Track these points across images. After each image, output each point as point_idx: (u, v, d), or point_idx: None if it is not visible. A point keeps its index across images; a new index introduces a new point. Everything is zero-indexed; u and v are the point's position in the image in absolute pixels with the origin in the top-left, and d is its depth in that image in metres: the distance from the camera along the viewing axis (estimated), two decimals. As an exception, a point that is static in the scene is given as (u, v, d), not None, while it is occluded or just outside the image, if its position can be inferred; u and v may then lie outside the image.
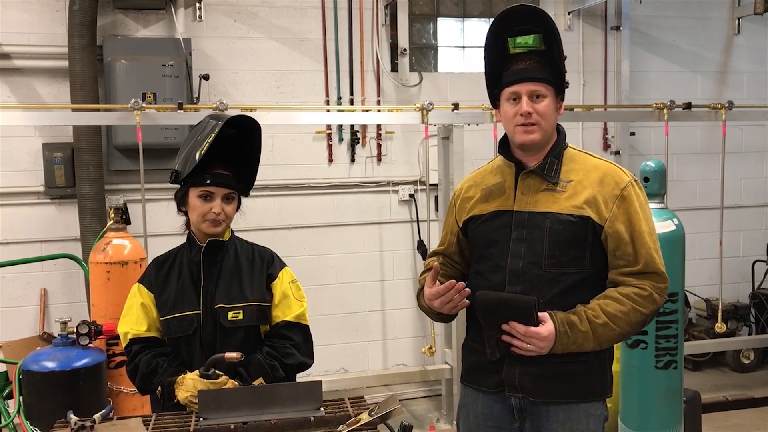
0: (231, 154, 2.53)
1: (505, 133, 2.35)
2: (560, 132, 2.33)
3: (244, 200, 2.64)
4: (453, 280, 2.20)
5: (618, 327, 2.16)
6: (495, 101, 2.34)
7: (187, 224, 2.60)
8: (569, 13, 6.43)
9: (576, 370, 2.22)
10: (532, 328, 2.12)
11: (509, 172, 2.34)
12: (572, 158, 2.30)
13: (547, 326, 2.13)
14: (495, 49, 2.28)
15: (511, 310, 2.14)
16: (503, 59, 2.26)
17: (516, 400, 2.26)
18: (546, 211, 2.22)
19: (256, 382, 2.42)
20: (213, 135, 2.41)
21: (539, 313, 2.13)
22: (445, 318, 2.41)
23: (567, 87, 2.31)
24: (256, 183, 2.65)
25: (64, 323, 3.63)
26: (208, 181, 2.47)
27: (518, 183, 2.29)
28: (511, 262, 2.23)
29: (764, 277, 6.69)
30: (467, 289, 2.19)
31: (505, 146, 2.36)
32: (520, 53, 2.23)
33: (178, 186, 2.55)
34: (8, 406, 3.78)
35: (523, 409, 2.27)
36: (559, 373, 2.21)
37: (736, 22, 6.85)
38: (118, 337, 2.74)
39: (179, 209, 2.58)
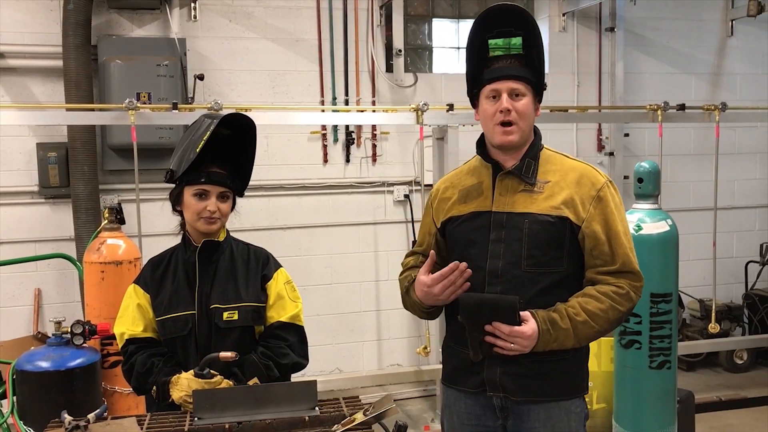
0: (226, 153, 2.53)
1: (481, 134, 2.37)
2: (536, 133, 2.35)
3: (238, 200, 2.64)
4: (456, 261, 2.18)
5: (597, 324, 2.18)
6: (474, 100, 2.36)
7: (182, 225, 2.60)
8: (564, 15, 6.44)
9: (555, 368, 2.24)
10: (516, 328, 2.13)
11: (486, 173, 2.35)
12: (548, 159, 2.33)
13: (530, 325, 2.14)
14: (476, 47, 2.29)
15: (495, 311, 2.15)
16: (484, 58, 2.27)
17: (498, 400, 2.28)
18: (525, 212, 2.24)
19: (250, 382, 2.42)
20: (208, 133, 2.41)
21: (521, 312, 2.15)
22: (434, 313, 2.42)
23: (545, 89, 2.32)
24: (251, 183, 2.65)
25: (59, 323, 3.63)
26: (203, 179, 2.48)
27: (496, 184, 2.31)
28: (491, 263, 2.25)
29: (757, 278, 6.72)
30: (469, 270, 2.17)
31: (482, 147, 2.37)
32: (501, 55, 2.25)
33: (173, 186, 2.56)
34: (2, 406, 3.77)
35: (504, 408, 2.28)
36: (540, 372, 2.23)
37: (730, 24, 6.88)
38: (112, 337, 2.74)
39: (174, 209, 2.59)
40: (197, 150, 2.40)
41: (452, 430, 2.42)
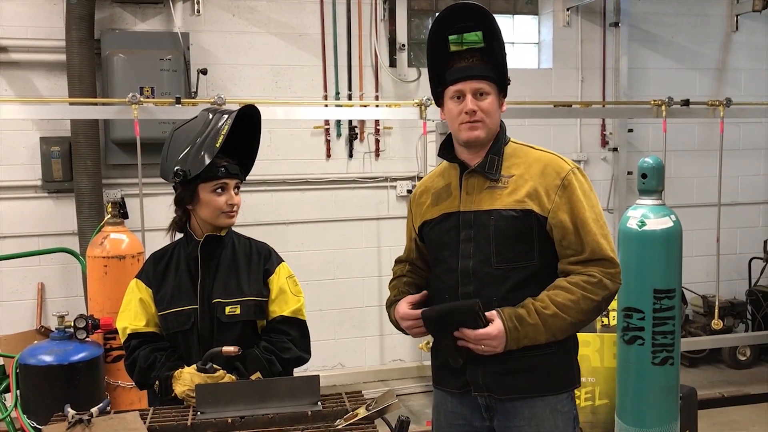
0: (230, 143, 2.52)
1: (447, 135, 2.36)
2: (501, 128, 2.33)
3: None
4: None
5: (569, 316, 2.14)
6: (439, 99, 2.34)
7: (176, 221, 2.57)
8: (568, 10, 6.43)
9: (539, 363, 2.22)
10: (482, 330, 2.12)
11: (454, 173, 2.35)
12: (514, 153, 2.30)
13: (495, 325, 2.13)
14: (437, 46, 2.27)
15: (456, 319, 2.15)
16: (446, 57, 2.26)
17: (482, 399, 2.28)
18: (490, 209, 2.23)
19: (253, 377, 2.42)
20: (226, 128, 2.41)
21: (486, 313, 2.13)
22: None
23: (509, 84, 2.29)
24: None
25: (62, 317, 3.63)
26: (221, 174, 2.47)
27: (462, 183, 2.30)
28: (462, 263, 2.25)
29: (761, 274, 6.70)
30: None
31: (448, 147, 2.36)
32: (462, 51, 2.22)
33: (180, 185, 2.51)
34: (5, 400, 3.78)
35: (490, 407, 2.28)
36: (522, 368, 2.21)
37: (735, 19, 6.85)
38: (115, 331, 2.75)
39: (184, 208, 2.53)
40: (217, 146, 2.40)
41: (440, 429, 2.42)
